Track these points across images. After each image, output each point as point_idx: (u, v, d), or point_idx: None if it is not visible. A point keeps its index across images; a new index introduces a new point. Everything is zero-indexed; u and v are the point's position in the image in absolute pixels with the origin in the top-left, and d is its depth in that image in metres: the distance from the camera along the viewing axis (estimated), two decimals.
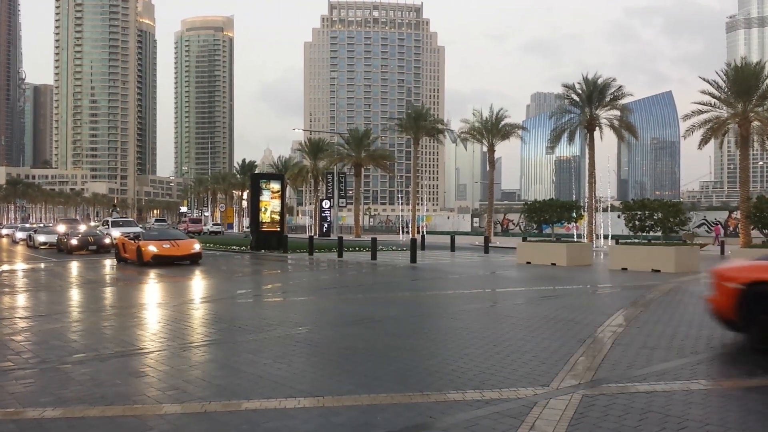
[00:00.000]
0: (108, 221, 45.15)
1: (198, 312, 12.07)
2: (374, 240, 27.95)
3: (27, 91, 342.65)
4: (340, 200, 59.53)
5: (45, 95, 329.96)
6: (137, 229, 39.53)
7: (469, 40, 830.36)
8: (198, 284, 17.40)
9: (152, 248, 23.05)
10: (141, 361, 7.61)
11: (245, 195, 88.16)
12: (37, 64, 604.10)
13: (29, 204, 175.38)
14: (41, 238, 39.72)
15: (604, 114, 42.09)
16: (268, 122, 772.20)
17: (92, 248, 31.86)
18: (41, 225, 71.38)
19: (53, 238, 39.04)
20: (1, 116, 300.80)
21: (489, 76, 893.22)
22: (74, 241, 31.88)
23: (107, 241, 32.95)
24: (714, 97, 35.41)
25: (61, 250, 33.34)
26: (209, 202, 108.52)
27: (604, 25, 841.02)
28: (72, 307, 13.16)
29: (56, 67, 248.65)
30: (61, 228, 43.44)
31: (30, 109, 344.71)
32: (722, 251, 31.57)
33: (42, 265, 24.94)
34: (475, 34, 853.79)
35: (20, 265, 25.07)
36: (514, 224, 65.25)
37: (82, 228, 39.70)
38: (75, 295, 15.33)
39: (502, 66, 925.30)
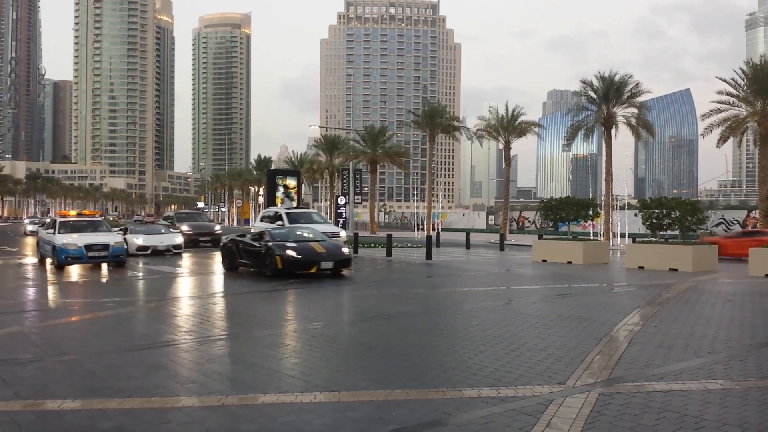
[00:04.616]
0: (280, 214, 26.04)
1: (215, 306, 12.16)
2: (389, 236, 27.92)
3: (46, 87, 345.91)
4: (356, 197, 59.54)
5: (64, 91, 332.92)
6: (335, 229, 26.32)
7: (494, 37, 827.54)
8: (210, 280, 17.51)
9: None
10: (159, 353, 7.70)
11: (261, 191, 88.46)
12: (57, 60, 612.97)
13: (49, 198, 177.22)
14: (138, 240, 24.87)
15: (621, 111, 41.70)
16: (288, 118, 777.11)
17: (326, 266, 16.70)
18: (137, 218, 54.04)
19: (155, 240, 24.91)
20: (21, 111, 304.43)
21: (511, 73, 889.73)
22: (291, 252, 16.44)
23: (346, 250, 17.83)
24: (732, 95, 35.05)
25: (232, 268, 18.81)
26: (226, 198, 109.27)
27: (630, 22, 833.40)
28: None
29: (75, 64, 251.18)
30: (185, 227, 30.23)
31: (49, 105, 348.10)
32: None
33: None
34: (501, 31, 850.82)
35: None
36: (529, 222, 64.96)
37: (217, 227, 24.52)
38: None
39: (525, 63, 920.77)
